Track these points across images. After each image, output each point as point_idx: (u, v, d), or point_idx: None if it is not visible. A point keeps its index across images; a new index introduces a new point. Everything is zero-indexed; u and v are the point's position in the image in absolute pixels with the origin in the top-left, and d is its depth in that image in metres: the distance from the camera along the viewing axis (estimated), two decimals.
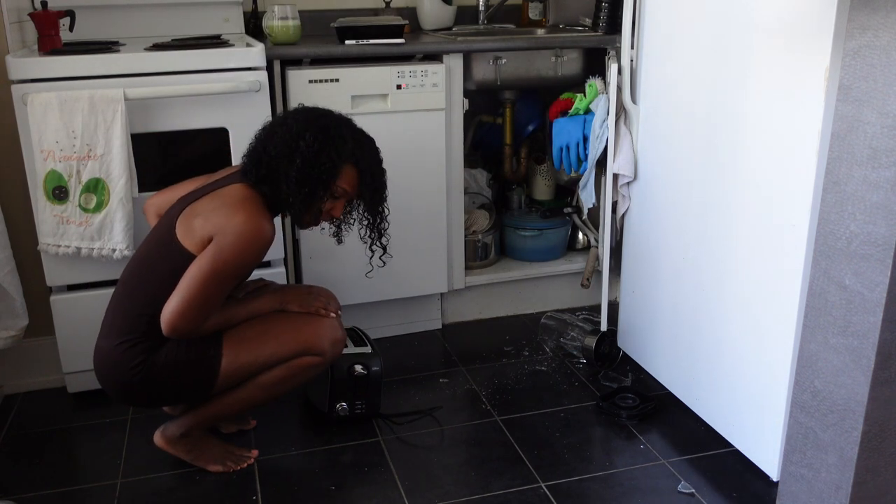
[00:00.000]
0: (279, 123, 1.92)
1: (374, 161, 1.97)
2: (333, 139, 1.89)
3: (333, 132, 1.90)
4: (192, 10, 2.69)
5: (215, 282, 1.81)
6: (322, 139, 1.87)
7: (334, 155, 1.88)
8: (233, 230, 1.81)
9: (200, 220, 1.85)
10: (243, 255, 1.82)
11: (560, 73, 2.72)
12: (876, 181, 1.40)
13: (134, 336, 1.87)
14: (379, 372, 2.18)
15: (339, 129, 1.92)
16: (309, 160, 1.86)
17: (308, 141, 1.86)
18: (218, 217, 1.83)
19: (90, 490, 2.00)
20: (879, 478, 1.55)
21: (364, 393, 2.19)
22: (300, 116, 1.92)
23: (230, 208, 1.84)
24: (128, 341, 1.87)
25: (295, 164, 1.85)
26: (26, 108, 2.11)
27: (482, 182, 3.01)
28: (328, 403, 2.18)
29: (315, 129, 1.88)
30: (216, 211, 1.84)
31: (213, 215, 1.84)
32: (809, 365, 1.59)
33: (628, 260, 2.46)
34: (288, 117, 1.93)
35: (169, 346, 1.87)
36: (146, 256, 1.92)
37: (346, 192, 1.95)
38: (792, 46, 1.70)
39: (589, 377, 2.48)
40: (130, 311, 1.89)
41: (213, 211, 1.85)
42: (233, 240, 1.80)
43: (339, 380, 2.15)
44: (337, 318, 2.05)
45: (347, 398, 2.18)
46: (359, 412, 2.20)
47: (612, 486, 1.97)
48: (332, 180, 1.91)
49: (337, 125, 1.93)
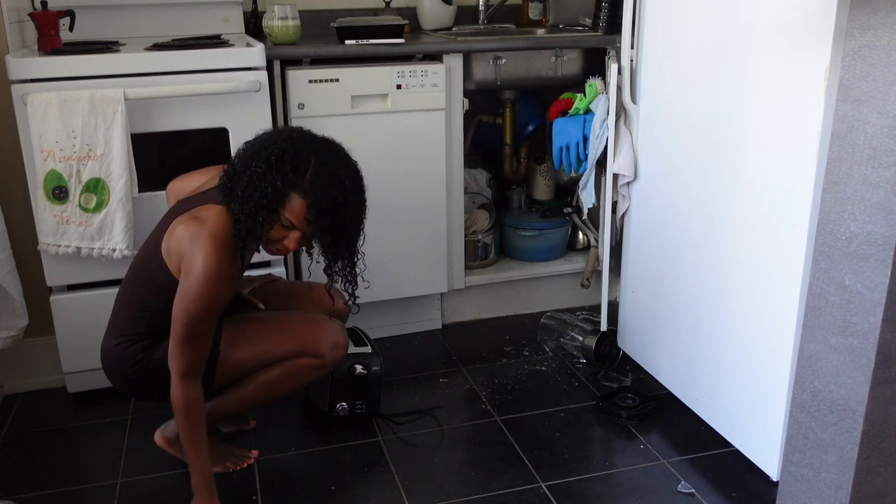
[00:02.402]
0: (255, 139, 1.84)
1: (328, 200, 1.76)
2: (287, 163, 1.75)
3: (292, 157, 1.75)
4: (192, 10, 2.69)
5: (191, 322, 1.77)
6: (274, 161, 1.74)
7: (279, 180, 1.73)
8: (195, 274, 1.75)
9: (175, 243, 1.81)
10: (208, 297, 1.77)
11: (560, 73, 2.72)
12: (876, 181, 1.40)
13: (133, 335, 1.89)
14: (379, 372, 2.18)
15: (301, 156, 1.76)
16: (253, 180, 1.75)
17: (260, 160, 1.76)
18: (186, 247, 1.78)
19: (90, 490, 2.00)
20: (879, 478, 1.55)
21: (364, 393, 2.19)
22: (273, 136, 1.82)
23: (198, 242, 1.76)
24: (126, 340, 1.90)
25: (242, 183, 1.77)
26: (26, 108, 2.11)
27: (482, 182, 3.01)
28: (328, 403, 2.18)
29: (275, 149, 1.76)
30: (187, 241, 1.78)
31: (185, 244, 1.79)
32: (809, 365, 1.59)
33: (628, 260, 2.46)
34: (264, 135, 1.84)
35: (166, 343, 1.87)
36: (143, 261, 1.93)
37: (291, 223, 1.79)
38: (792, 46, 1.70)
39: (589, 377, 2.48)
40: (129, 313, 1.91)
41: (186, 240, 1.79)
42: (194, 283, 1.75)
43: (339, 380, 2.15)
44: (339, 325, 2.04)
45: (347, 398, 2.18)
46: (359, 412, 2.20)
47: (612, 486, 1.97)
48: (274, 206, 1.75)
49: (303, 151, 1.77)
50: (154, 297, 1.87)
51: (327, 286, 1.98)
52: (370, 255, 2.56)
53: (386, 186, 2.49)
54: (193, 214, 1.83)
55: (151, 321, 1.88)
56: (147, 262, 1.91)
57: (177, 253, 1.81)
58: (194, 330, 1.78)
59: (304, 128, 1.87)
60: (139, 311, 1.89)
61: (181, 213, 1.88)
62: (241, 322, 1.97)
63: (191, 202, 1.90)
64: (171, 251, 1.83)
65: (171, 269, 1.84)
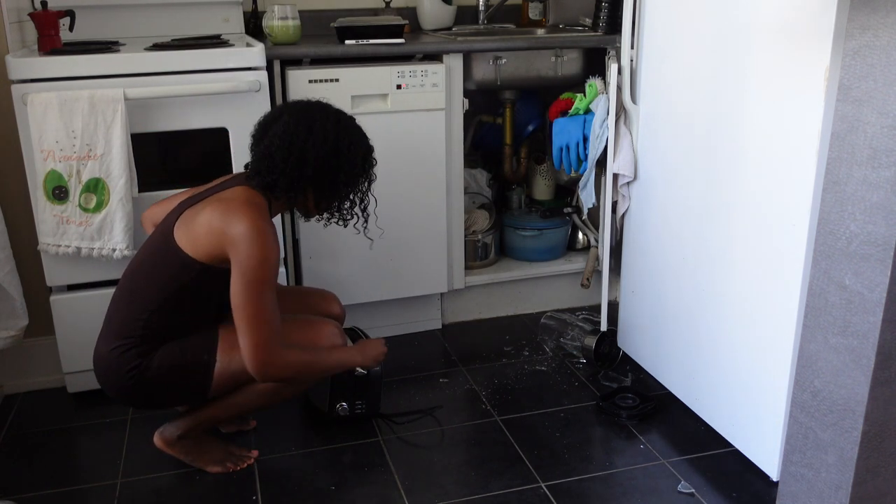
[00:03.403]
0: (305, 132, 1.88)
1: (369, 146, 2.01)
2: (355, 132, 1.95)
3: (346, 125, 1.94)
4: (192, 10, 2.69)
5: (257, 292, 1.79)
6: (364, 148, 1.96)
7: (363, 176, 1.98)
8: (242, 240, 1.78)
9: (203, 227, 1.82)
10: (263, 255, 1.79)
11: (560, 73, 2.72)
12: (876, 181, 1.40)
13: (130, 340, 1.87)
14: (379, 372, 2.18)
15: (350, 126, 1.96)
16: (351, 177, 1.94)
17: (350, 145, 1.91)
18: (220, 224, 1.80)
19: (90, 490, 2.00)
20: (879, 478, 1.55)
21: (364, 393, 2.19)
22: (327, 124, 1.90)
23: (230, 216, 1.81)
24: (123, 346, 1.87)
25: (343, 169, 1.91)
26: (26, 108, 2.11)
27: (482, 182, 3.01)
28: (328, 403, 2.18)
29: (342, 129, 1.92)
30: (217, 218, 1.81)
31: (216, 222, 1.81)
32: (809, 365, 1.59)
33: (628, 260, 2.46)
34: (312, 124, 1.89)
35: (163, 350, 1.87)
36: (143, 263, 1.92)
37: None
38: (792, 46, 1.70)
39: (589, 377, 2.48)
40: (127, 316, 1.89)
41: (215, 218, 1.82)
42: (246, 248, 1.78)
43: (338, 380, 2.15)
44: (337, 325, 2.04)
45: (347, 398, 2.18)
46: (359, 412, 2.20)
47: (612, 486, 1.97)
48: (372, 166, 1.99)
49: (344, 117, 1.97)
50: (158, 296, 1.85)
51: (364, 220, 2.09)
52: (371, 255, 2.57)
53: (386, 186, 2.49)
54: (217, 200, 1.86)
55: (149, 323, 1.86)
56: (151, 260, 1.90)
57: (206, 232, 1.81)
58: (260, 302, 1.79)
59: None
60: (136, 312, 1.87)
61: (188, 207, 1.88)
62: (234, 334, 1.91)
63: (194, 199, 1.91)
64: (196, 233, 1.83)
65: (191, 252, 1.83)
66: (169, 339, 1.89)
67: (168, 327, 1.88)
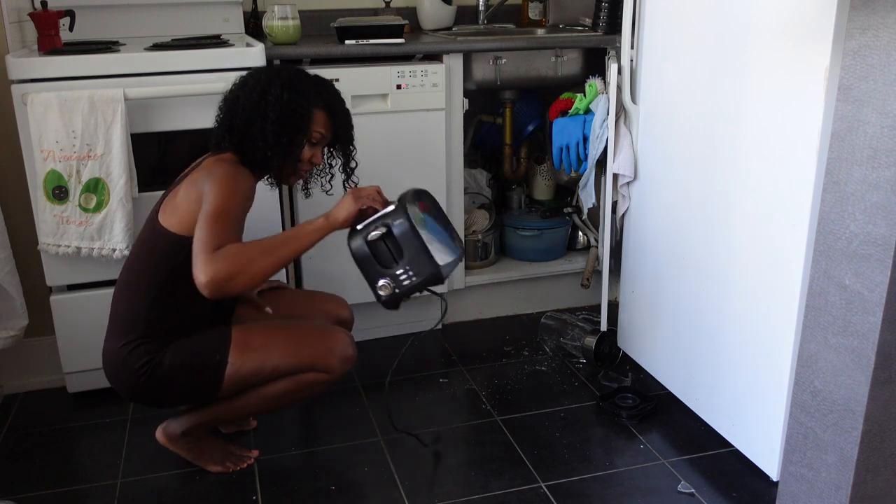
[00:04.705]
0: (240, 86, 1.93)
1: (340, 101, 1.98)
2: (299, 86, 1.90)
3: (297, 81, 1.91)
4: (192, 10, 2.69)
5: (216, 221, 1.77)
6: (289, 88, 1.88)
7: (304, 101, 1.89)
8: (215, 178, 1.82)
9: (182, 199, 1.85)
10: (229, 189, 1.81)
11: (560, 73, 2.72)
12: (876, 181, 1.40)
13: (134, 337, 1.87)
14: (405, 225, 1.79)
15: (300, 77, 1.94)
16: (282, 111, 1.87)
17: (276, 94, 1.87)
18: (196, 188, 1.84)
19: (90, 490, 2.00)
20: (879, 478, 1.55)
21: (401, 255, 1.80)
22: (260, 75, 1.93)
23: (206, 171, 1.86)
24: (130, 343, 1.87)
25: (269, 119, 1.86)
26: (26, 108, 2.11)
27: (482, 182, 3.01)
28: (374, 291, 1.85)
29: (279, 81, 1.89)
30: (195, 182, 1.86)
31: (193, 186, 1.85)
32: (809, 365, 1.59)
33: (628, 260, 2.46)
34: (247, 79, 1.94)
35: (174, 349, 1.87)
36: (136, 255, 1.94)
37: (322, 135, 1.95)
38: (792, 46, 1.70)
39: (589, 377, 2.48)
40: (127, 310, 1.89)
41: (192, 183, 1.86)
42: (217, 181, 1.80)
43: (361, 258, 1.82)
44: (349, 335, 2.01)
45: (385, 272, 1.81)
46: (409, 283, 1.81)
47: (612, 486, 1.97)
48: (308, 126, 1.91)
49: (298, 74, 1.95)
50: (153, 281, 1.86)
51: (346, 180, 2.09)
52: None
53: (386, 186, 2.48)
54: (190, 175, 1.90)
55: (148, 315, 1.86)
56: (141, 250, 1.92)
57: (183, 199, 1.84)
58: (217, 227, 1.76)
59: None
60: (134, 305, 1.88)
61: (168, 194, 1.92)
62: (250, 331, 1.94)
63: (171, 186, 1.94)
64: (176, 205, 1.86)
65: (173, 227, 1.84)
66: (173, 333, 1.89)
67: (167, 319, 1.88)
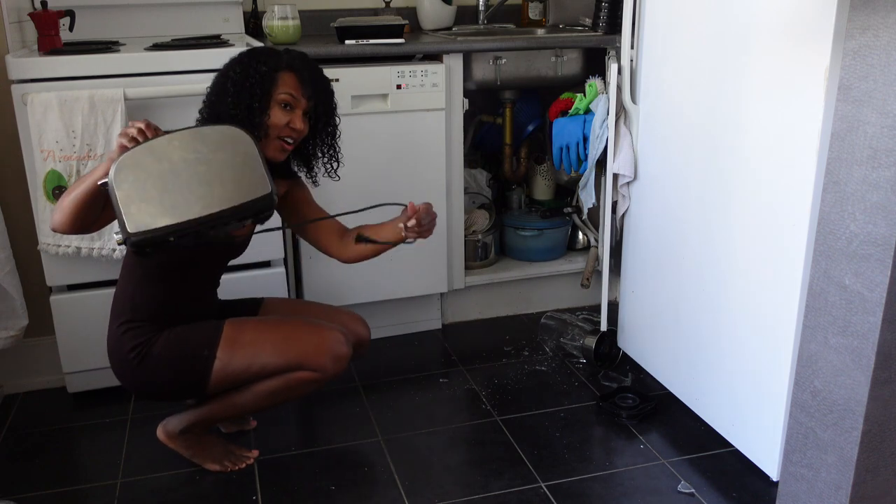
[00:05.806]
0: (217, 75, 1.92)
1: (305, 61, 1.92)
2: (259, 55, 1.89)
3: (254, 52, 1.91)
4: (192, 10, 2.69)
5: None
6: (247, 58, 1.88)
7: (261, 66, 1.85)
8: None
9: None
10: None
11: (560, 73, 2.72)
12: (876, 181, 1.40)
13: (125, 319, 1.90)
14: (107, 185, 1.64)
15: (258, 49, 1.93)
16: (239, 79, 1.84)
17: (233, 68, 1.87)
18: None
19: (90, 490, 2.00)
20: (879, 478, 1.55)
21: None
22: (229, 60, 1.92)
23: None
24: (123, 324, 1.90)
25: (229, 91, 1.85)
26: (26, 108, 2.11)
27: (482, 182, 3.01)
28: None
29: (237, 58, 1.89)
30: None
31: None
32: (809, 365, 1.59)
33: (628, 260, 2.46)
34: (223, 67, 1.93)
35: (165, 337, 1.89)
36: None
37: (293, 97, 1.87)
38: (792, 46, 1.70)
39: (589, 377, 2.48)
40: (121, 294, 1.94)
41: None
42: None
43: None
44: (344, 334, 2.00)
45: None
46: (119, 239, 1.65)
47: (612, 486, 1.97)
48: (269, 88, 1.85)
49: (256, 48, 1.94)
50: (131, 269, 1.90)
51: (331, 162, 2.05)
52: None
53: (386, 186, 2.49)
54: None
55: (134, 296, 1.89)
56: None
57: None
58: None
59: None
60: (123, 286, 1.92)
61: None
62: (242, 327, 1.93)
63: None
64: None
65: None
66: (161, 318, 1.90)
67: (152, 300, 1.90)
